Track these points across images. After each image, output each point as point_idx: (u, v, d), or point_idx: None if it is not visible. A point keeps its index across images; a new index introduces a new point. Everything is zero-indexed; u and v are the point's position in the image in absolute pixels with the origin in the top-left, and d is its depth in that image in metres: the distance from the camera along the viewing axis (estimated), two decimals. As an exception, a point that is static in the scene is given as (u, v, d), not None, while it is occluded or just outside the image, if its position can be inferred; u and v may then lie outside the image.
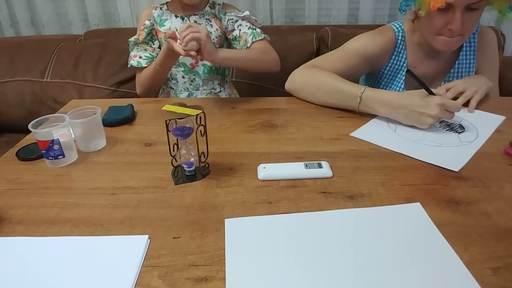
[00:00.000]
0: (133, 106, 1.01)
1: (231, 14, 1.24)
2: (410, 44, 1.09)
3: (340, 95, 0.95)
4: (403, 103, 0.86)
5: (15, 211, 0.64)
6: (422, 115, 0.83)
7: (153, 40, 1.24)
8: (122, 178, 0.72)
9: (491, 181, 0.68)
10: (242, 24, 1.22)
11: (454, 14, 0.90)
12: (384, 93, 0.90)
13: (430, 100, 0.83)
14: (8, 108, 1.60)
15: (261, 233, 0.57)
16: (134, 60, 1.21)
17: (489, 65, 1.13)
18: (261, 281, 0.49)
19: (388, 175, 0.70)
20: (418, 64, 1.10)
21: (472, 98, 0.97)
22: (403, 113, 0.86)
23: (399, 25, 1.09)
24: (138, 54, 1.22)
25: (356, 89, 0.92)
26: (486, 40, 1.11)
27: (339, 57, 1.07)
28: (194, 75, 1.26)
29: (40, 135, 0.74)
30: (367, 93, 0.91)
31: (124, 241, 0.56)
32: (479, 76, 1.04)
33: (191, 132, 0.67)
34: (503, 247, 0.53)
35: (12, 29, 2.03)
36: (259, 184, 0.69)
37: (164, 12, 1.25)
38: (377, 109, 0.90)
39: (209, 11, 1.26)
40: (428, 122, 0.84)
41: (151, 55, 1.22)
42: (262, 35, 1.21)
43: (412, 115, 0.85)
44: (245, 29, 1.21)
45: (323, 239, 0.54)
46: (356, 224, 0.58)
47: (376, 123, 0.91)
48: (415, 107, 0.84)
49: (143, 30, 1.22)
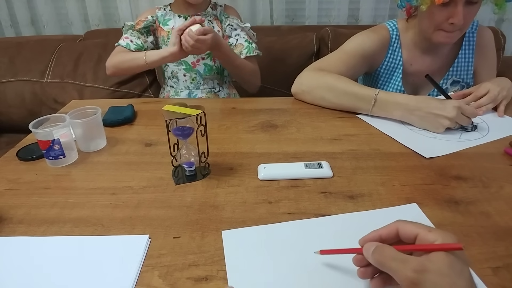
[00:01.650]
0: (134, 106, 1.01)
1: (233, 21, 1.25)
2: (405, 42, 1.10)
3: (352, 97, 0.94)
4: (420, 105, 0.85)
5: (15, 211, 0.64)
6: (438, 117, 0.83)
7: (148, 34, 1.27)
8: (122, 178, 0.72)
9: (491, 181, 0.68)
10: (240, 35, 1.25)
11: (456, 7, 0.90)
12: (398, 95, 0.90)
13: (447, 102, 0.83)
14: (8, 108, 1.61)
15: (260, 243, 0.55)
16: (125, 41, 1.22)
17: (487, 64, 1.13)
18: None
19: (388, 175, 0.70)
20: (414, 61, 1.10)
21: (501, 102, 0.95)
22: (418, 115, 0.85)
23: (393, 23, 1.10)
24: (130, 38, 1.23)
25: (370, 91, 0.91)
26: (485, 39, 1.11)
27: (340, 59, 1.07)
28: (195, 74, 1.28)
29: (40, 135, 0.74)
30: (381, 96, 0.90)
31: (124, 241, 0.56)
32: (504, 79, 1.01)
33: (191, 132, 0.67)
34: (503, 247, 0.53)
35: (12, 29, 2.03)
36: (259, 184, 0.69)
37: (167, 12, 1.27)
38: (391, 112, 0.89)
39: (211, 12, 1.27)
40: (444, 124, 0.83)
41: (142, 45, 1.23)
42: (256, 51, 1.24)
43: (428, 117, 0.84)
44: (242, 41, 1.24)
45: (321, 246, 0.52)
46: (353, 228, 0.56)
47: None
48: (432, 109, 0.83)
49: (143, 22, 1.24)
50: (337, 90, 0.96)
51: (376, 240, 0.43)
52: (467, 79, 1.12)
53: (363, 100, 0.92)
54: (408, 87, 1.13)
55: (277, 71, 1.60)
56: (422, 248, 0.40)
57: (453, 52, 1.11)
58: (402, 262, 0.38)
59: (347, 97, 0.95)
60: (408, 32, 1.09)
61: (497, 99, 0.95)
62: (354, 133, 0.86)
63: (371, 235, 0.44)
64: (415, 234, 0.41)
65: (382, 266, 0.40)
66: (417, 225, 0.42)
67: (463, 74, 1.12)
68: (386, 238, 0.43)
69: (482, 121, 0.91)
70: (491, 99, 0.94)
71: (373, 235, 0.44)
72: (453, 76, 1.12)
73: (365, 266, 0.44)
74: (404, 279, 0.38)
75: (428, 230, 0.40)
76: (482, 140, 0.82)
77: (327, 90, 0.98)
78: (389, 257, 0.40)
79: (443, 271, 0.37)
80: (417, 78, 1.11)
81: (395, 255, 0.40)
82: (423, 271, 0.37)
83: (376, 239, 0.44)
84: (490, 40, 1.13)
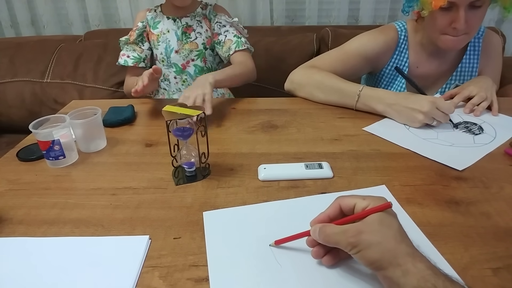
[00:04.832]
0: (134, 107, 1.01)
1: (221, 18, 1.25)
2: (412, 44, 1.09)
3: (338, 93, 0.97)
4: (398, 100, 0.88)
5: (15, 211, 0.64)
6: (413, 111, 0.85)
7: (143, 42, 1.27)
8: (122, 179, 0.72)
9: (492, 182, 0.68)
10: (229, 31, 1.24)
11: (458, 12, 0.90)
12: (381, 91, 0.93)
13: (423, 97, 0.85)
14: (8, 108, 1.61)
15: (240, 223, 0.59)
16: (122, 58, 1.25)
17: (492, 70, 1.12)
18: (242, 271, 0.50)
19: (388, 175, 0.70)
20: (420, 64, 1.10)
21: (492, 101, 0.95)
22: (396, 109, 0.88)
23: (402, 24, 1.09)
24: (127, 53, 1.25)
25: (354, 87, 0.95)
26: (491, 45, 1.10)
27: (338, 57, 1.07)
28: (186, 75, 1.28)
29: (40, 135, 0.74)
30: (365, 91, 0.93)
31: (124, 241, 0.56)
32: (485, 78, 1.02)
33: (191, 133, 0.67)
34: (503, 248, 0.53)
35: (12, 30, 2.04)
36: (259, 185, 0.69)
37: (157, 14, 1.27)
38: (374, 106, 0.92)
39: (201, 12, 1.27)
40: (419, 118, 0.84)
41: (139, 56, 1.25)
42: (245, 45, 1.23)
43: (404, 111, 0.87)
44: (231, 36, 1.23)
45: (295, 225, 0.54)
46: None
47: (390, 120, 0.91)
48: (408, 103, 0.86)
49: (135, 31, 1.25)
50: (324, 87, 1.00)
51: (325, 220, 0.50)
52: None
53: (348, 95, 0.95)
54: (412, 89, 1.12)
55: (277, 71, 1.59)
56: (357, 216, 0.46)
57: (459, 57, 1.10)
58: (342, 233, 0.45)
59: (333, 93, 0.98)
60: (417, 34, 1.09)
61: (488, 98, 0.95)
62: (354, 134, 0.86)
63: (320, 216, 0.50)
64: (353, 204, 0.48)
65: (328, 242, 0.47)
66: (353, 196, 0.49)
67: (467, 79, 1.11)
68: (333, 215, 0.50)
69: (483, 121, 0.91)
70: (482, 98, 0.95)
71: (322, 216, 0.50)
72: (456, 80, 1.11)
73: (317, 246, 0.50)
74: (346, 246, 0.45)
75: (362, 198, 0.47)
76: (496, 142, 0.81)
77: (316, 87, 1.01)
78: (331, 233, 0.47)
79: (374, 228, 0.44)
80: (423, 81, 1.09)
81: (336, 229, 0.46)
82: (359, 233, 0.44)
83: (326, 219, 0.50)
84: (497, 46, 1.13)
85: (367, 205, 0.46)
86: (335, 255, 0.50)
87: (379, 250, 0.43)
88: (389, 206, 0.45)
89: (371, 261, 0.43)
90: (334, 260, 0.50)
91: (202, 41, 1.25)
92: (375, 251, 0.43)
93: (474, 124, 0.89)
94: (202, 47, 1.26)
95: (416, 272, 0.40)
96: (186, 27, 1.24)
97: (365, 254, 0.43)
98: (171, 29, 1.24)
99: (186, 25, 1.24)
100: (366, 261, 0.44)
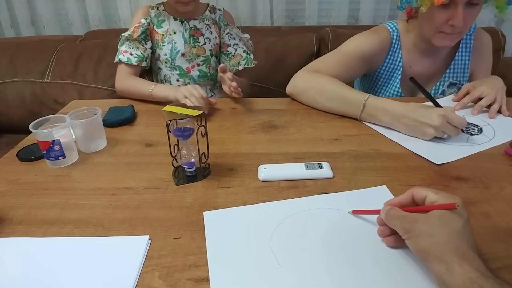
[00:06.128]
0: (134, 107, 1.01)
1: (232, 30, 1.25)
2: (405, 44, 1.09)
3: (342, 101, 0.92)
4: (406, 113, 0.83)
5: (15, 211, 0.64)
6: (423, 125, 0.80)
7: (146, 40, 1.21)
8: (122, 179, 0.72)
9: (492, 182, 0.68)
10: (239, 45, 1.26)
11: (456, 9, 0.90)
12: (387, 102, 0.87)
13: (433, 110, 0.80)
14: (8, 108, 1.61)
15: (240, 223, 0.59)
16: (124, 55, 1.18)
17: (483, 68, 1.14)
18: (242, 271, 0.50)
19: (388, 175, 0.70)
20: (414, 63, 1.10)
21: (502, 103, 0.95)
22: (405, 123, 0.83)
23: (393, 25, 1.10)
24: (129, 51, 1.19)
25: (360, 96, 0.90)
26: (482, 43, 1.12)
27: (338, 60, 1.05)
28: (189, 79, 1.26)
29: (40, 135, 0.74)
30: (370, 101, 0.88)
31: (124, 241, 0.56)
32: (497, 79, 1.01)
33: (191, 133, 0.67)
34: (503, 248, 0.53)
35: (12, 30, 2.03)
36: (259, 185, 0.69)
37: (161, 12, 1.22)
38: (379, 118, 0.87)
39: (209, 16, 1.25)
40: (429, 133, 0.80)
41: (142, 55, 1.19)
42: (254, 62, 1.27)
43: (414, 125, 0.82)
44: (241, 51, 1.25)
45: (295, 224, 0.56)
46: (330, 206, 0.61)
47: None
48: (418, 117, 0.81)
49: (138, 28, 1.19)
50: (328, 93, 0.95)
51: (395, 205, 0.52)
52: (463, 81, 1.12)
53: (353, 104, 0.90)
54: (406, 89, 1.12)
55: (277, 72, 1.60)
56: (423, 209, 0.49)
57: (452, 55, 1.11)
58: (401, 219, 0.49)
59: (337, 100, 0.93)
60: (408, 34, 1.09)
61: (498, 100, 0.95)
62: (354, 134, 0.86)
63: (392, 201, 0.54)
64: (424, 196, 0.50)
65: (389, 223, 0.51)
66: (428, 189, 0.50)
67: (460, 76, 1.12)
68: (405, 203, 0.52)
69: (486, 123, 0.90)
70: (490, 100, 0.94)
71: (394, 200, 0.54)
72: (450, 78, 1.12)
73: (384, 226, 0.53)
74: (400, 229, 0.48)
75: (435, 192, 0.49)
76: (490, 144, 0.81)
77: (319, 93, 0.97)
78: (393, 216, 0.50)
79: (431, 221, 0.46)
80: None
81: (398, 213, 0.50)
82: (415, 222, 0.47)
83: (396, 204, 0.53)
84: (488, 44, 1.14)
85: (436, 200, 0.48)
86: (397, 239, 0.51)
87: (428, 241, 0.45)
88: (453, 207, 0.46)
89: (418, 250, 0.46)
90: (395, 243, 0.52)
91: (210, 47, 1.24)
92: (424, 242, 0.45)
93: (475, 126, 0.89)
94: (209, 54, 1.25)
95: (462, 273, 0.41)
96: (194, 30, 1.22)
97: (414, 242, 0.46)
98: (178, 30, 1.21)
99: (194, 28, 1.22)
100: (414, 249, 0.46)
